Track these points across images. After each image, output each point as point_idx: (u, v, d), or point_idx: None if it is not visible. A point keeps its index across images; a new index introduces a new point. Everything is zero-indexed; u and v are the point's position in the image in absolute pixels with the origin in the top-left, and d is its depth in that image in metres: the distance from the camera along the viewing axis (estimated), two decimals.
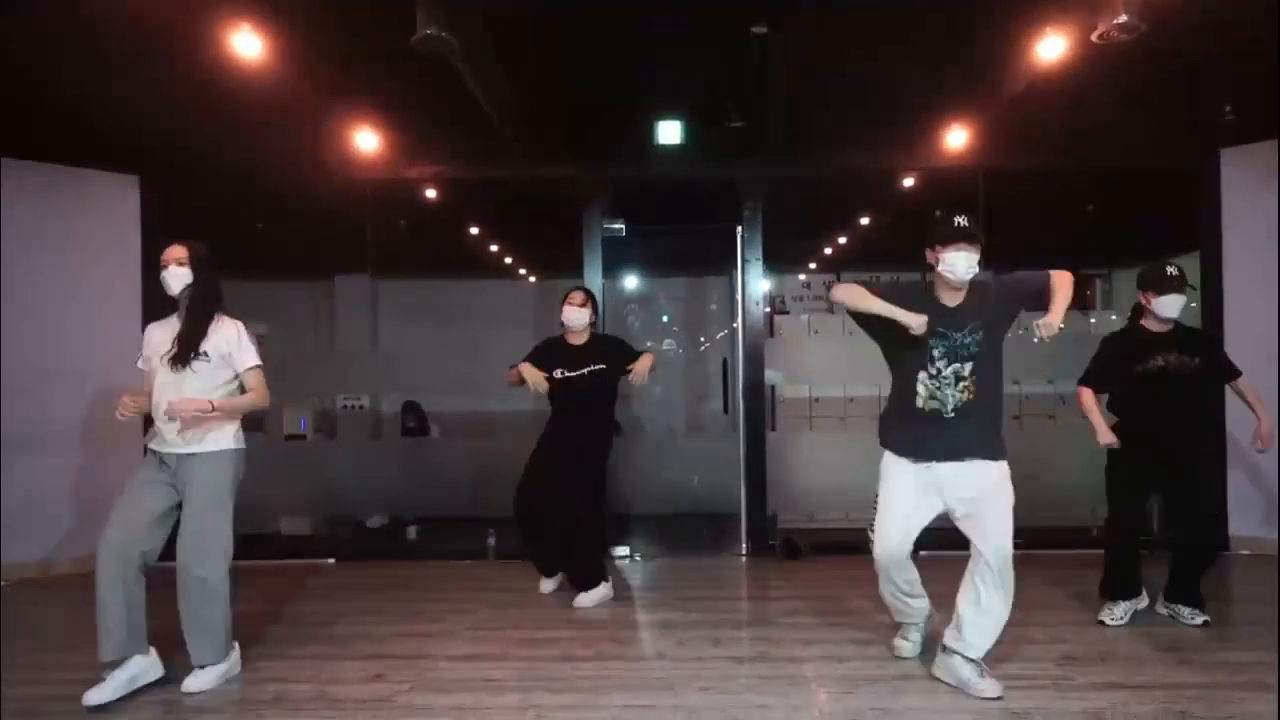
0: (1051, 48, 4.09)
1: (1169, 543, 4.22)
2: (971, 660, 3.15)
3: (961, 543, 3.22)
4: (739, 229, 5.83)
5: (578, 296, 4.63)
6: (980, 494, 3.16)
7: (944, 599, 3.38)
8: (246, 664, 3.57)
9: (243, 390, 3.45)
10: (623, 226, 5.82)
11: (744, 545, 5.86)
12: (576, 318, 4.59)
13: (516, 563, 5.13)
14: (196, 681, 3.29)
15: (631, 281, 8.72)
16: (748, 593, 4.99)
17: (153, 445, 3.39)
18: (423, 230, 7.35)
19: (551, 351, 4.64)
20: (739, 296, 5.90)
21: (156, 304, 5.68)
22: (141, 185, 5.79)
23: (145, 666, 3.28)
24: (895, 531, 3.27)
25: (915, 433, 3.25)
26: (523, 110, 5.04)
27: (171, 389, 3.28)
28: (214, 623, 3.31)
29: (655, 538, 6.15)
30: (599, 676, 3.42)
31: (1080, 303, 8.26)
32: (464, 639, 3.95)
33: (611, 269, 6.11)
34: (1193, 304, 5.62)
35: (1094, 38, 3.77)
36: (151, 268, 5.72)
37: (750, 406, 5.92)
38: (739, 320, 5.94)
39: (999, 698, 3.06)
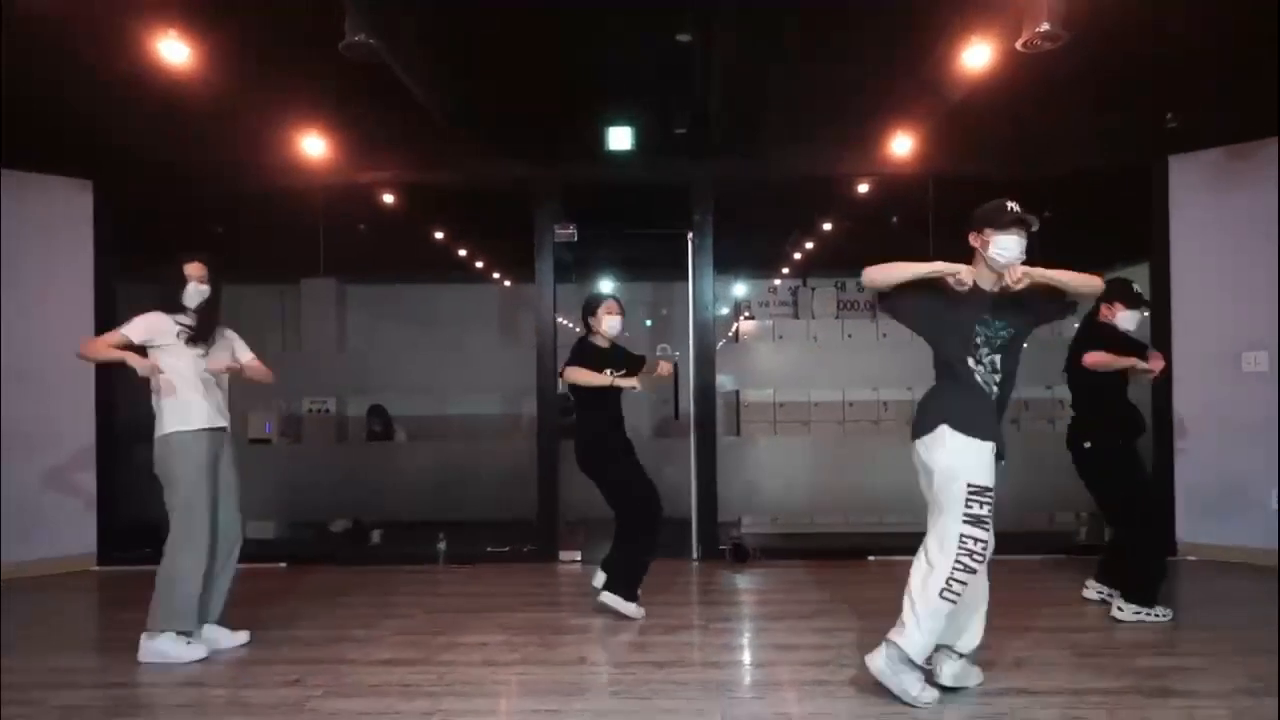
0: (980, 55, 4.11)
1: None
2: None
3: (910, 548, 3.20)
4: (689, 234, 5.85)
5: (615, 305, 4.47)
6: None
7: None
8: (169, 669, 3.59)
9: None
10: (574, 232, 5.83)
11: (695, 550, 5.87)
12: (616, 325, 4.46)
13: (467, 567, 5.14)
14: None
15: (593, 288, 8.73)
16: (688, 597, 5.00)
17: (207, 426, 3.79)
18: (384, 233, 7.37)
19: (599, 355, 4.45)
20: (690, 302, 5.92)
21: (110, 305, 5.79)
22: (94, 190, 5.82)
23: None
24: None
25: (981, 409, 3.09)
26: (471, 114, 5.07)
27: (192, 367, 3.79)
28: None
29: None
30: (515, 682, 3.43)
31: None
32: (389, 644, 3.95)
33: (573, 275, 6.12)
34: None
35: (1019, 45, 3.81)
36: (104, 271, 5.82)
37: (701, 411, 5.93)
38: (689, 325, 5.96)
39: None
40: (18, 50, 4.02)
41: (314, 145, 5.31)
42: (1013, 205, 3.07)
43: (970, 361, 3.09)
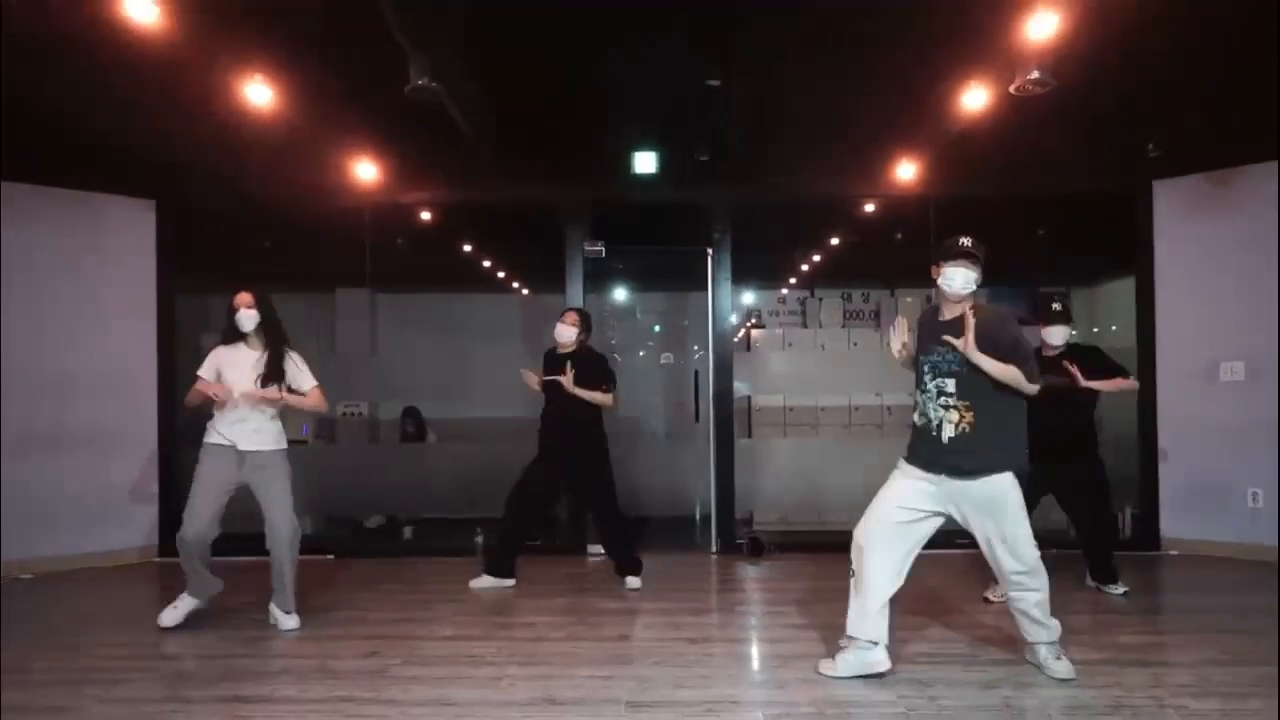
0: (977, 96, 4.57)
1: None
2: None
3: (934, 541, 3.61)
4: (709, 251, 6.31)
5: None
6: (987, 505, 3.39)
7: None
8: (256, 644, 4.06)
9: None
10: (603, 248, 6.29)
11: (714, 544, 6.33)
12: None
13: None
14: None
15: (614, 297, 9.21)
16: (711, 586, 5.46)
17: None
18: (419, 247, 7.82)
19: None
20: (710, 314, 6.38)
21: (172, 315, 6.26)
22: (157, 209, 6.28)
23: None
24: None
25: (915, 446, 3.55)
26: (509, 140, 5.52)
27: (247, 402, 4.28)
28: None
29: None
30: (567, 653, 3.88)
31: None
32: (449, 623, 4.42)
33: (595, 285, 6.58)
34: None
35: (1011, 89, 4.26)
36: (167, 285, 6.28)
37: (720, 415, 6.38)
38: (709, 334, 6.42)
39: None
40: (94, 82, 4.47)
41: (365, 170, 5.76)
42: (963, 240, 3.42)
43: (916, 391, 3.57)
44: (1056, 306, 4.66)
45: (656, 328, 9.60)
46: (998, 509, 3.38)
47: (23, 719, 3.19)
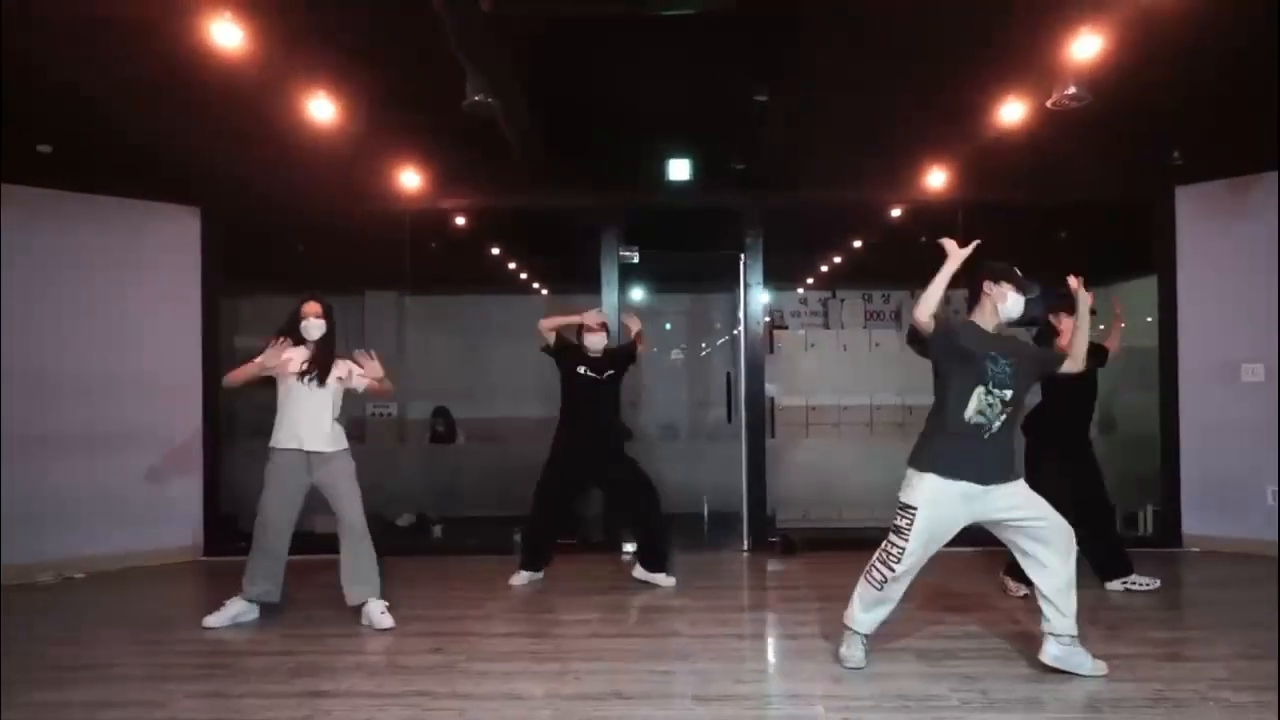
0: (1015, 110, 4.72)
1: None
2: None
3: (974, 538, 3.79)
4: (741, 256, 6.46)
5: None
6: (1018, 504, 3.59)
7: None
8: (320, 641, 4.21)
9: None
10: (636, 253, 6.44)
11: (746, 541, 6.49)
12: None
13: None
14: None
15: (642, 298, 9.36)
16: (748, 583, 5.62)
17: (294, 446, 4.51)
18: (450, 250, 7.97)
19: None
20: (740, 316, 6.53)
21: (216, 318, 6.42)
22: (203, 216, 6.43)
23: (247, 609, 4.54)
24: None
25: (957, 449, 3.56)
26: (548, 146, 5.66)
27: (308, 401, 4.50)
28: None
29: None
30: (624, 650, 4.04)
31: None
32: (503, 620, 4.59)
33: (624, 286, 6.73)
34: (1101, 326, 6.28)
35: (1049, 104, 4.39)
36: (211, 288, 6.43)
37: (751, 415, 6.54)
38: (740, 337, 6.57)
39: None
40: (143, 92, 4.59)
41: (409, 178, 5.90)
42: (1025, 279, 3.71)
43: (979, 390, 3.58)
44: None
45: (667, 325, 9.77)
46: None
47: (117, 713, 3.34)
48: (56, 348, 5.89)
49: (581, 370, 5.37)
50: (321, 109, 4.55)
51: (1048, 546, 3.57)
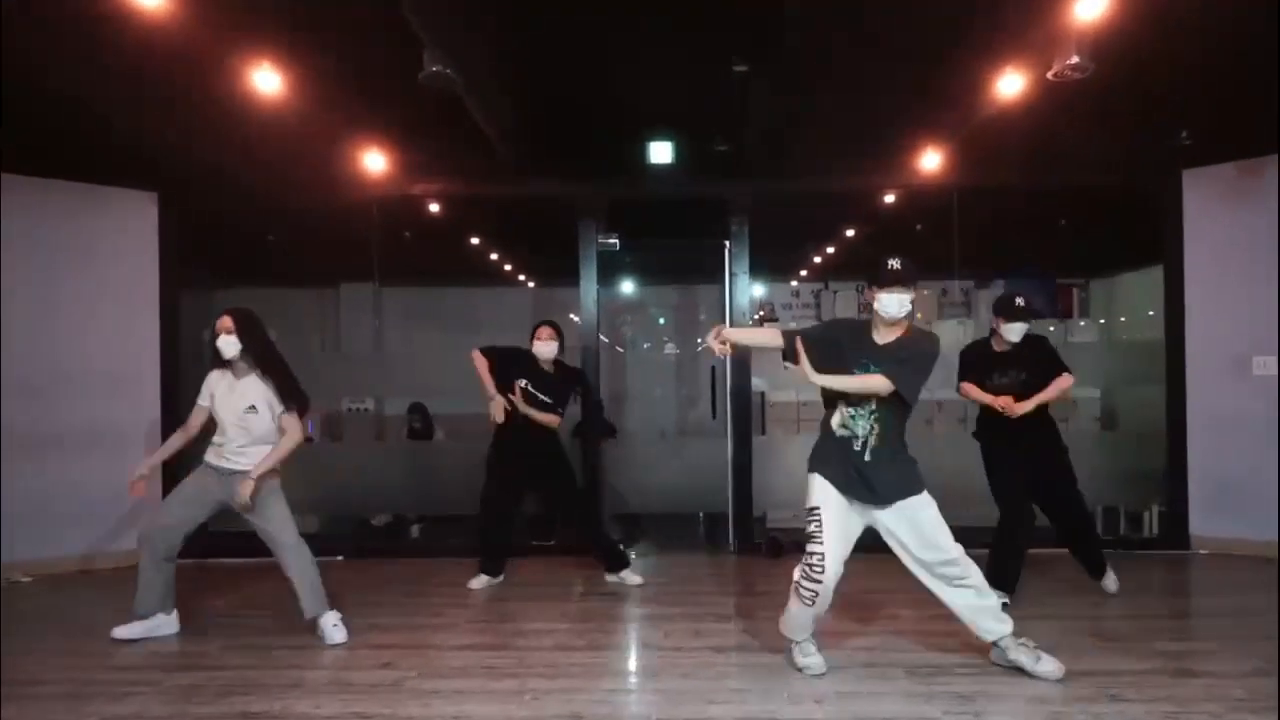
0: (1013, 83, 4.39)
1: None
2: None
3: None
4: (726, 244, 6.14)
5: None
6: (908, 521, 3.45)
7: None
8: (267, 654, 3.90)
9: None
10: (617, 241, 6.13)
11: (732, 543, 6.18)
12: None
13: (511, 560, 5.42)
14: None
15: (625, 290, 9.05)
16: (732, 589, 5.30)
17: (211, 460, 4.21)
18: (426, 240, 7.67)
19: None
20: (726, 307, 6.21)
21: (175, 312, 6.11)
22: (159, 201, 6.11)
23: (165, 622, 4.21)
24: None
25: (834, 460, 3.51)
26: (522, 131, 5.35)
27: (239, 429, 4.15)
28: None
29: (649, 535, 6.48)
30: (589, 665, 3.73)
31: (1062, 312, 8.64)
32: (464, 630, 4.27)
33: (607, 278, 6.43)
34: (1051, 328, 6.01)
35: (1049, 75, 4.08)
36: (170, 280, 6.12)
37: (737, 411, 6.22)
38: (726, 329, 6.23)
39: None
40: (94, 72, 4.28)
41: (374, 162, 5.58)
42: (893, 263, 3.44)
43: (840, 402, 3.54)
44: (1019, 303, 4.50)
45: (661, 319, 9.46)
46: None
47: None
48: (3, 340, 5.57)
49: (524, 384, 5.17)
50: (272, 83, 4.23)
51: (933, 576, 3.49)
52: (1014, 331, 4.49)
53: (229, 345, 4.12)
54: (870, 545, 3.58)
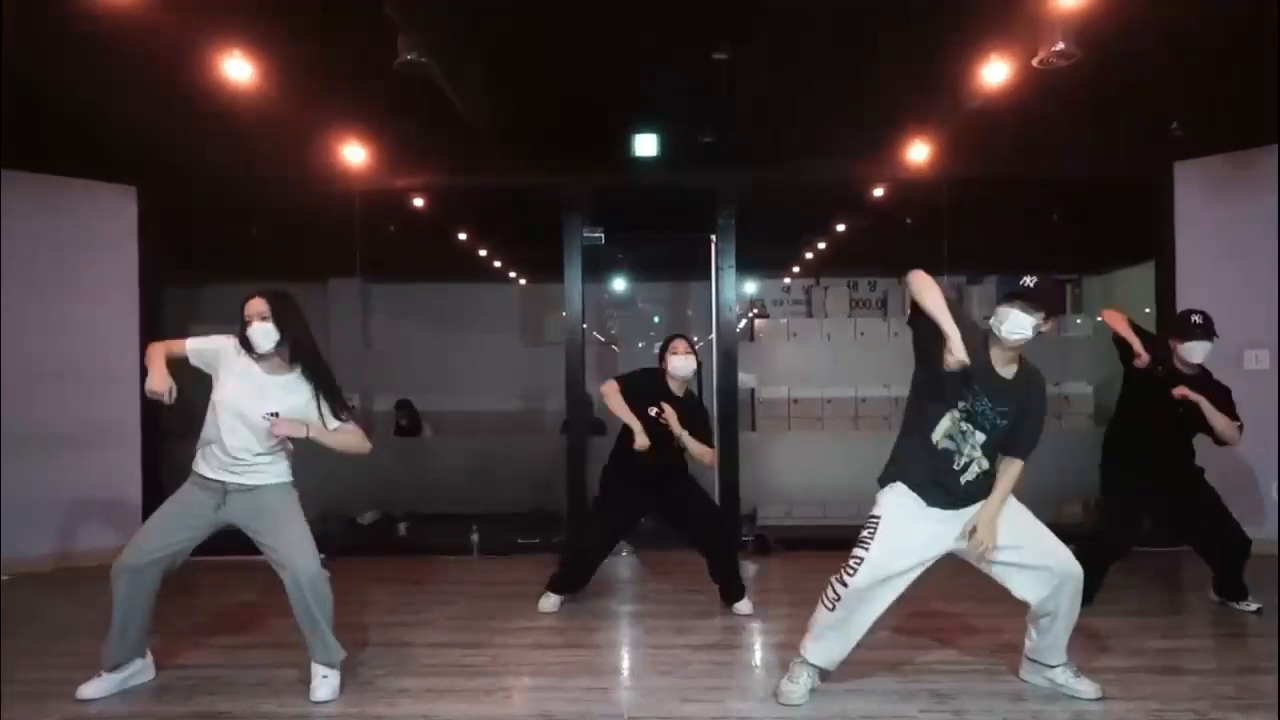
0: (999, 71, 4.32)
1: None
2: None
3: None
4: (713, 238, 6.07)
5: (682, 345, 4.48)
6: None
7: None
8: (236, 653, 3.83)
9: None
10: (602, 235, 6.04)
11: None
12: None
13: (497, 558, 5.36)
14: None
15: (614, 286, 8.98)
16: (716, 587, 5.21)
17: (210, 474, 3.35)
18: (412, 235, 7.59)
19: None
20: (713, 302, 6.14)
21: (155, 307, 6.03)
22: (138, 195, 6.03)
23: (140, 668, 3.45)
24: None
25: (924, 468, 3.12)
26: (505, 121, 5.27)
27: (257, 433, 3.29)
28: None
29: (635, 531, 6.39)
30: (566, 663, 3.66)
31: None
32: (442, 628, 4.20)
33: (594, 274, 6.35)
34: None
35: (1034, 63, 4.00)
36: (150, 275, 6.04)
37: (724, 408, 6.15)
38: (713, 325, 6.18)
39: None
40: (69, 62, 4.21)
41: (354, 154, 5.50)
42: (1026, 280, 3.02)
43: (952, 412, 3.08)
44: (1196, 319, 4.09)
45: (657, 318, 9.38)
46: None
47: None
48: None
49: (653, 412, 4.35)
50: (246, 71, 4.16)
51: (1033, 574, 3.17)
52: (1194, 351, 4.09)
53: (264, 335, 3.22)
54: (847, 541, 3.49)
